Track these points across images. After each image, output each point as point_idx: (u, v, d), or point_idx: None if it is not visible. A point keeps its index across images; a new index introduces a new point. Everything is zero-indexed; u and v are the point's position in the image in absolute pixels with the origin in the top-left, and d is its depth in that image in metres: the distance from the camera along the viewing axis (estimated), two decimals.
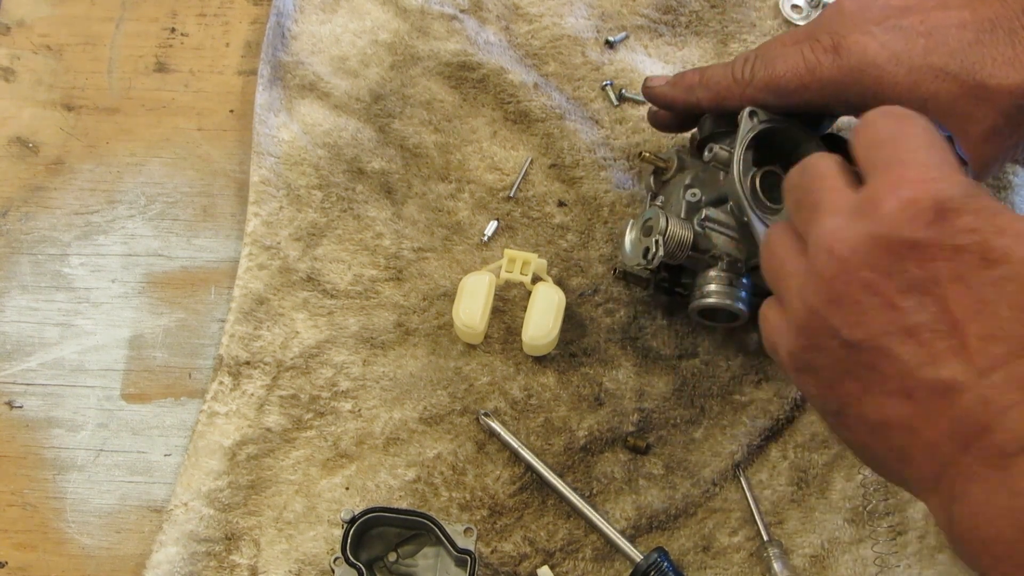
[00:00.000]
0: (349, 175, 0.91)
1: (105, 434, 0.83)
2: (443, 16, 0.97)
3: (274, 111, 0.93)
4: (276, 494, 0.80)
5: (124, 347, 0.86)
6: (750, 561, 0.78)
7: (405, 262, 0.88)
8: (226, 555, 0.78)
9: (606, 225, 0.89)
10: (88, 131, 0.95)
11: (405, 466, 0.80)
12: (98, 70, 0.97)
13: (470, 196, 0.90)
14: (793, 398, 0.83)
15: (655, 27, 0.99)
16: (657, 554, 0.74)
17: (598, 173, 0.91)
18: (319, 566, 0.77)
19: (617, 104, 0.95)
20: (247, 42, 0.98)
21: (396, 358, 0.84)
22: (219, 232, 0.91)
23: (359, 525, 0.71)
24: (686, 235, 0.75)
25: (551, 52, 0.97)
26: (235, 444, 0.81)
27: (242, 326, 0.84)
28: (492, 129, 0.93)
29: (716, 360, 0.84)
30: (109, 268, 0.89)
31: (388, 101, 0.94)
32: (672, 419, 0.82)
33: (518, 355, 0.84)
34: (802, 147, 0.78)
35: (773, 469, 0.81)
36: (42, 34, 0.99)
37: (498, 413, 0.82)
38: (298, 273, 0.87)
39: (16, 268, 0.89)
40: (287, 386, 0.83)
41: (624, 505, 0.80)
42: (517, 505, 0.79)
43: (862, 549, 0.78)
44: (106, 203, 0.92)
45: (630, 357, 0.84)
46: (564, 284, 0.86)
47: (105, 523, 0.80)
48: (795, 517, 0.80)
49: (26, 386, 0.85)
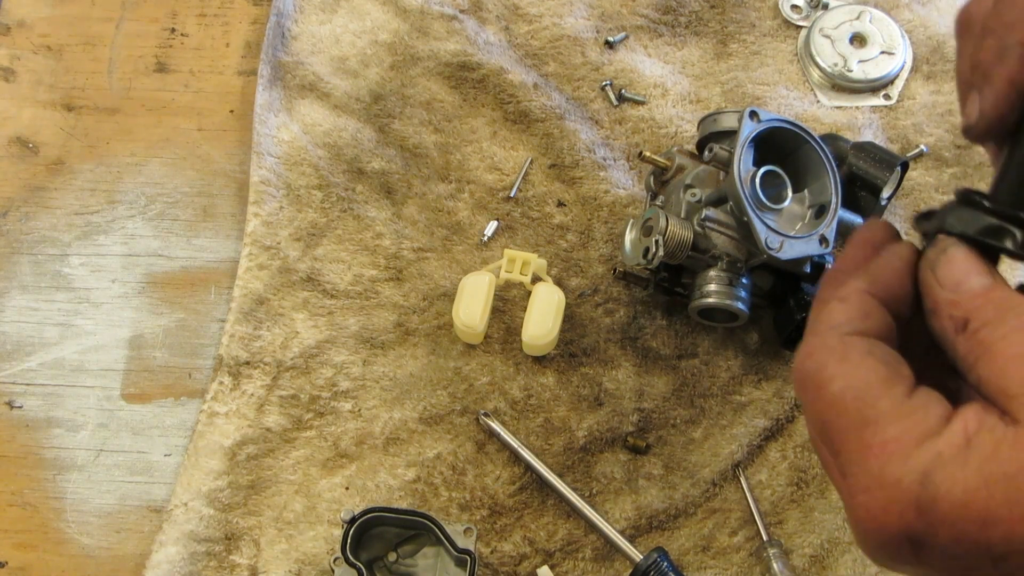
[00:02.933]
0: (349, 175, 0.91)
1: (105, 434, 0.83)
2: (443, 16, 0.97)
3: (274, 111, 0.93)
4: (276, 494, 0.80)
5: (124, 347, 0.86)
6: (750, 561, 0.78)
7: (405, 262, 0.88)
8: (226, 555, 0.78)
9: (606, 225, 0.89)
10: (88, 131, 0.95)
11: (405, 466, 0.80)
12: (98, 70, 0.97)
13: (470, 196, 0.90)
14: (793, 398, 0.83)
15: (655, 27, 0.99)
16: (657, 554, 0.74)
17: (598, 173, 0.91)
18: (319, 566, 0.77)
19: (617, 104, 0.95)
20: (247, 42, 0.98)
21: (396, 358, 0.84)
22: (219, 232, 0.91)
23: (359, 525, 0.71)
24: (686, 235, 0.75)
25: (551, 52, 0.97)
26: (235, 444, 0.81)
27: (242, 326, 0.84)
28: (492, 129, 0.93)
29: (716, 360, 0.84)
30: (109, 268, 0.89)
31: (388, 101, 0.94)
32: (672, 419, 0.82)
33: (518, 355, 0.84)
34: (802, 148, 0.78)
35: (773, 469, 0.81)
36: (42, 34, 0.99)
37: (498, 413, 0.82)
38: (298, 273, 0.87)
39: (16, 268, 0.89)
40: (287, 386, 0.83)
41: (624, 505, 0.80)
42: (517, 505, 0.79)
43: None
44: (106, 203, 0.92)
45: (630, 357, 0.84)
46: (564, 284, 0.86)
47: (105, 523, 0.80)
48: (795, 517, 0.80)
49: (26, 386, 0.85)
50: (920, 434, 0.43)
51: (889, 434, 0.44)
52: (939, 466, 0.42)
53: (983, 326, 0.44)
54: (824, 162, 0.77)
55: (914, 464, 0.43)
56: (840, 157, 0.81)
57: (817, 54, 0.97)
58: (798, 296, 0.79)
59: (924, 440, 0.43)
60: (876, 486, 0.43)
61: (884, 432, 0.44)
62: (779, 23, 1.00)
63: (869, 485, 0.44)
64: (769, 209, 0.74)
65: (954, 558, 0.42)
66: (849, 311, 0.48)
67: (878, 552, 0.45)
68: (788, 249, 0.74)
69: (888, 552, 0.44)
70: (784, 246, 0.74)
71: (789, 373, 0.84)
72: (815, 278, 0.79)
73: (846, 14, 0.99)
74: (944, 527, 0.42)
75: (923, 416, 0.44)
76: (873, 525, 0.44)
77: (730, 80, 0.96)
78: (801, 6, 1.01)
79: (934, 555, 0.43)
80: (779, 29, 0.99)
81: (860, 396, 0.45)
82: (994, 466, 0.41)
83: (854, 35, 0.98)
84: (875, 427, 0.44)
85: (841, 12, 0.99)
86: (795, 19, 1.00)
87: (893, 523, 0.43)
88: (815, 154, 0.78)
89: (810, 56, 0.97)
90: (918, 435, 0.43)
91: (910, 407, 0.44)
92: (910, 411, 0.44)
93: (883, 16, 0.99)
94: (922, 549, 0.43)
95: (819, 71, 0.97)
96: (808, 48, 0.97)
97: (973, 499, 0.41)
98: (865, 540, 0.45)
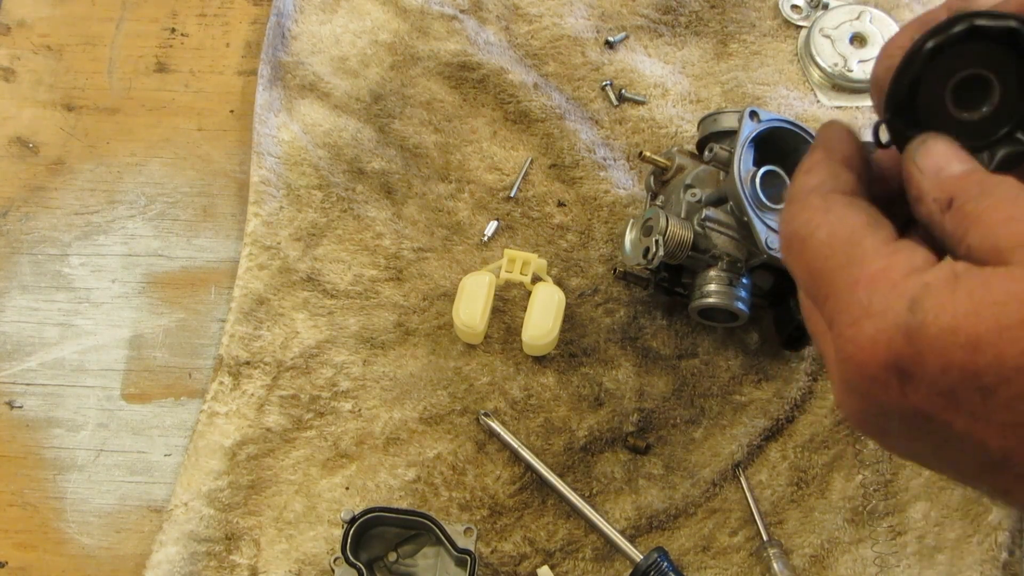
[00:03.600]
0: (349, 175, 0.91)
1: (105, 434, 0.83)
2: (443, 16, 0.97)
3: (274, 111, 0.93)
4: (276, 494, 0.80)
5: (124, 347, 0.86)
6: (750, 561, 0.78)
7: (405, 262, 0.88)
8: (226, 555, 0.78)
9: (606, 225, 0.89)
10: (88, 131, 0.95)
11: (405, 466, 0.80)
12: (98, 70, 0.97)
13: (470, 196, 0.90)
14: (793, 398, 0.83)
15: (655, 27, 0.99)
16: (657, 554, 0.74)
17: (598, 173, 0.91)
18: (319, 566, 0.77)
19: (617, 104, 0.95)
20: (247, 42, 0.98)
21: (396, 358, 0.84)
22: (219, 232, 0.91)
23: (359, 525, 0.71)
24: (686, 235, 0.75)
25: (551, 52, 0.97)
26: (235, 444, 0.81)
27: (242, 326, 0.84)
28: (492, 129, 0.93)
29: (716, 360, 0.84)
30: (109, 268, 0.89)
31: (388, 101, 0.94)
32: (672, 419, 0.82)
33: (518, 355, 0.84)
34: (802, 148, 0.78)
35: (773, 469, 0.81)
36: (42, 34, 0.99)
37: (498, 413, 0.82)
38: (298, 273, 0.87)
39: (16, 268, 0.89)
40: (287, 386, 0.83)
41: (624, 505, 0.80)
42: (517, 505, 0.79)
43: (862, 549, 0.78)
44: (106, 203, 0.92)
45: (630, 357, 0.84)
46: (564, 284, 0.86)
47: (105, 523, 0.80)
48: (795, 517, 0.80)
49: (26, 386, 0.85)
50: (908, 268, 0.44)
51: (877, 266, 0.45)
52: (927, 294, 0.42)
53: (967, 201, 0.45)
54: None
55: (902, 291, 0.43)
56: None
57: (817, 54, 0.97)
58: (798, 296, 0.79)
59: (912, 273, 0.44)
60: (864, 316, 0.44)
61: (872, 265, 0.45)
62: (779, 23, 1.00)
63: (857, 317, 0.44)
64: (769, 209, 0.74)
65: (941, 393, 0.42)
66: (820, 174, 0.51)
67: (865, 398, 0.45)
68: None
69: (874, 391, 0.44)
70: None
71: (789, 373, 0.84)
72: None
73: (846, 14, 0.99)
74: (932, 354, 0.42)
75: (909, 254, 0.45)
76: (861, 357, 0.44)
77: (730, 80, 0.96)
78: (801, 6, 1.00)
79: (921, 388, 0.43)
80: (779, 29, 0.99)
81: (847, 238, 0.47)
82: (984, 293, 0.41)
83: (854, 35, 0.98)
84: (862, 263, 0.45)
85: (841, 12, 0.99)
86: (795, 19, 1.00)
87: (881, 353, 0.43)
88: None
89: (810, 56, 0.97)
90: (906, 269, 0.44)
91: (896, 247, 0.46)
92: (896, 249, 0.45)
93: (883, 16, 0.99)
94: (909, 381, 0.43)
95: (819, 71, 0.97)
96: (808, 48, 0.97)
97: (962, 324, 0.41)
98: (850, 381, 0.45)
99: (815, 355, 0.85)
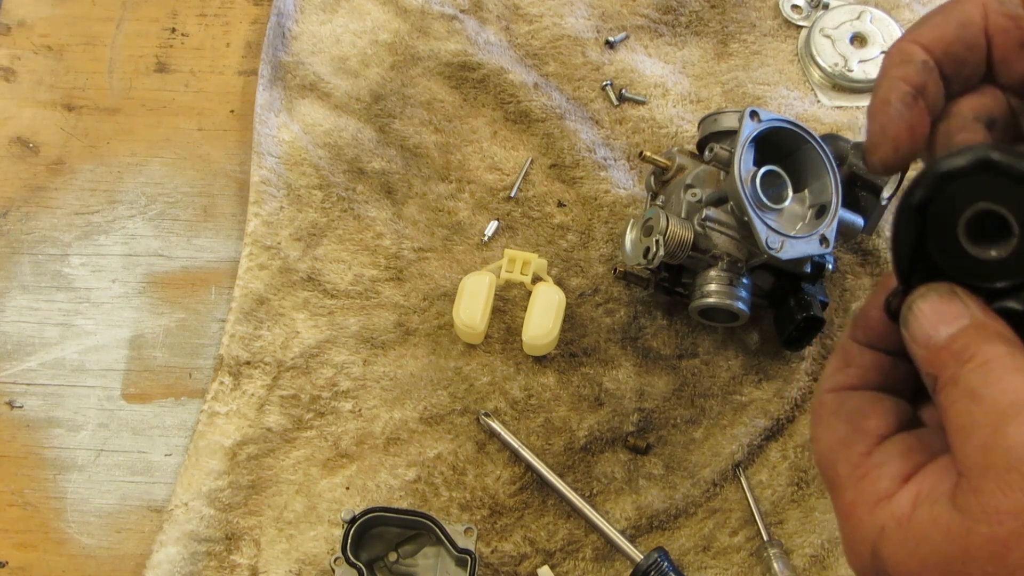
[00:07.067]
0: (349, 175, 0.91)
1: (105, 434, 0.83)
2: (443, 16, 0.97)
3: (274, 111, 0.93)
4: (276, 494, 0.80)
5: (124, 347, 0.86)
6: (750, 561, 0.78)
7: (405, 262, 0.88)
8: (226, 555, 0.78)
9: (606, 225, 0.89)
10: (88, 131, 0.95)
11: (405, 466, 0.80)
12: (98, 70, 0.97)
13: (470, 196, 0.90)
14: (793, 398, 0.83)
15: (655, 27, 0.99)
16: (657, 554, 0.74)
17: (598, 173, 0.91)
18: (319, 566, 0.77)
19: (617, 104, 0.95)
20: (247, 42, 0.98)
21: (396, 358, 0.84)
22: (219, 232, 0.91)
23: (359, 525, 0.71)
24: (686, 235, 0.75)
25: (551, 52, 0.97)
26: (235, 444, 0.81)
27: (242, 326, 0.84)
28: (492, 129, 0.93)
29: (716, 360, 0.84)
30: (109, 268, 0.89)
31: (388, 101, 0.94)
32: (672, 419, 0.82)
33: (518, 355, 0.84)
34: (802, 148, 0.78)
35: (773, 469, 0.81)
36: (42, 34, 0.99)
37: (498, 413, 0.82)
38: (298, 273, 0.87)
39: (16, 268, 0.89)
40: (287, 386, 0.83)
41: (624, 505, 0.80)
42: (517, 505, 0.79)
43: None
44: (106, 203, 0.92)
45: (630, 357, 0.84)
46: (564, 284, 0.86)
47: (105, 523, 0.80)
48: (795, 517, 0.80)
49: (26, 386, 0.85)
50: (872, 499, 0.44)
51: (847, 498, 0.45)
52: (883, 540, 0.43)
53: (943, 387, 0.42)
54: (825, 162, 0.77)
55: (866, 533, 0.44)
56: (841, 157, 0.81)
57: (818, 54, 0.97)
58: (798, 296, 0.79)
59: (875, 506, 0.44)
60: (847, 542, 0.46)
61: (843, 496, 0.46)
62: (779, 23, 1.00)
63: (845, 540, 0.46)
64: (769, 209, 0.74)
65: None
66: (834, 363, 0.50)
67: None
68: (788, 249, 0.74)
69: None
70: (784, 246, 0.74)
71: (789, 373, 0.84)
72: (815, 278, 0.79)
73: (847, 14, 0.99)
74: None
75: (876, 478, 0.44)
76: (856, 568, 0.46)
77: (730, 80, 0.96)
78: (801, 6, 1.00)
79: None
80: (779, 29, 0.99)
81: (826, 459, 0.47)
82: (927, 549, 0.41)
83: (855, 35, 0.98)
84: (838, 491, 0.46)
85: (842, 12, 0.99)
86: (795, 19, 1.00)
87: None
88: (816, 154, 0.78)
89: (811, 56, 0.97)
90: (871, 500, 0.44)
91: (864, 469, 0.45)
92: (864, 473, 0.45)
93: (883, 16, 0.98)
94: None
95: (820, 71, 0.97)
96: (809, 48, 0.97)
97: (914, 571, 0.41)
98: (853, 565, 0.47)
99: (815, 355, 0.85)
